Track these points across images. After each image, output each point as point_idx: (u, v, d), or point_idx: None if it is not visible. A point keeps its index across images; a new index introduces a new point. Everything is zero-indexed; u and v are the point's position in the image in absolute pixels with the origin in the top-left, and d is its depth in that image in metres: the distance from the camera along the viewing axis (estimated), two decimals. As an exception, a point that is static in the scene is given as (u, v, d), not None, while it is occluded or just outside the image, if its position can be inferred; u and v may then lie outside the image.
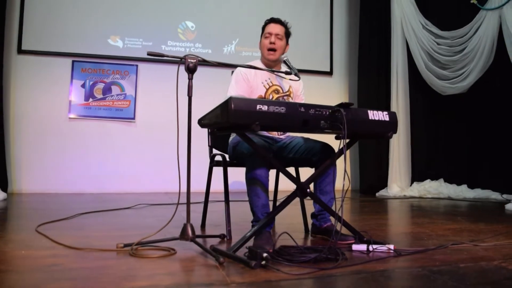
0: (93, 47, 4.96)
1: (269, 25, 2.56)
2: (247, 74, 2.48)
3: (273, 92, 2.51)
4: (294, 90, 2.61)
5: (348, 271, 1.64)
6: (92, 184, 4.89)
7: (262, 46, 2.55)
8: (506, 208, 3.78)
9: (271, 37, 2.49)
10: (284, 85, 2.55)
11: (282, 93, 2.53)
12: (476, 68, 4.81)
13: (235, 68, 2.56)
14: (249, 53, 5.68)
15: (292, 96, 2.58)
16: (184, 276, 1.56)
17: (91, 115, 4.94)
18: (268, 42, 2.48)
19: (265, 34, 2.52)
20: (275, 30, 2.51)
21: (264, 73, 2.50)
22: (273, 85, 2.52)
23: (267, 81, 2.51)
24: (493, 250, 2.05)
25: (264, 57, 2.53)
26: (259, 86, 2.48)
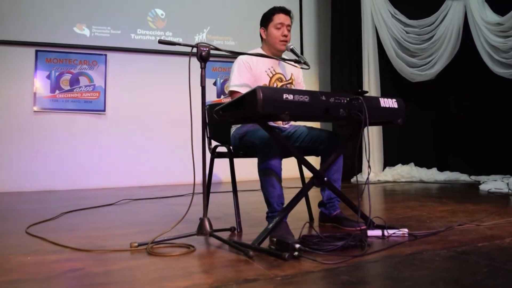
0: (58, 36, 4.68)
1: (280, 15, 2.44)
2: (249, 63, 2.41)
3: (277, 80, 2.46)
4: (295, 78, 2.58)
5: (380, 256, 1.65)
6: (61, 181, 4.65)
7: (272, 36, 2.43)
8: (481, 189, 3.97)
9: (284, 28, 2.41)
10: (286, 73, 2.51)
11: (285, 81, 2.49)
12: (444, 56, 4.99)
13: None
14: (221, 42, 5.58)
15: (294, 83, 2.55)
16: (222, 272, 1.50)
17: (58, 107, 4.68)
18: (281, 34, 2.40)
19: (276, 25, 2.41)
20: (287, 21, 2.45)
21: (266, 61, 2.44)
22: (276, 73, 2.48)
23: (270, 69, 2.45)
24: (497, 229, 2.13)
25: (275, 48, 2.43)
26: (263, 75, 2.42)
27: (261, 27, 2.49)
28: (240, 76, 2.36)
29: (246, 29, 5.60)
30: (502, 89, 4.51)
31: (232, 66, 2.47)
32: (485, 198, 3.43)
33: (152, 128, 5.13)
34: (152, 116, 5.14)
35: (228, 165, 2.70)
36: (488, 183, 4.09)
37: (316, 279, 1.39)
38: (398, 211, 2.85)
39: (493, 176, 4.64)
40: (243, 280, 1.38)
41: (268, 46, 2.46)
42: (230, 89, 2.40)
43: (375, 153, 5.53)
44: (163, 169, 5.14)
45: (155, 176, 5.08)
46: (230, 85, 2.42)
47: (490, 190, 3.79)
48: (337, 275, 1.43)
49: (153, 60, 5.17)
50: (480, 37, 4.57)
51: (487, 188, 3.89)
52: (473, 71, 4.87)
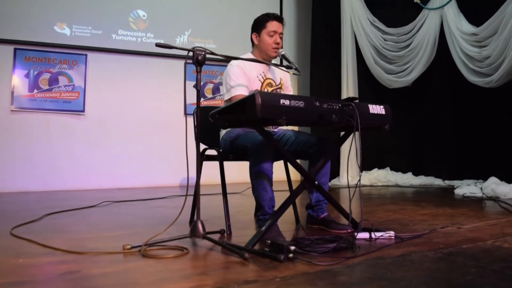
0: (37, 34, 4.58)
1: (274, 22, 2.47)
2: (243, 67, 2.43)
3: (267, 85, 2.50)
4: (284, 82, 2.63)
5: (370, 258, 1.70)
6: (38, 182, 4.55)
7: (265, 43, 2.47)
8: (456, 193, 4.12)
9: (276, 36, 2.46)
10: (276, 78, 2.56)
11: (275, 85, 2.54)
12: (420, 63, 5.16)
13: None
14: (202, 44, 5.57)
15: (283, 88, 2.60)
16: (221, 274, 1.52)
17: (36, 107, 4.58)
18: (273, 41, 2.44)
19: (269, 32, 2.45)
20: (280, 29, 2.49)
21: (258, 66, 2.47)
22: (267, 79, 2.52)
23: (261, 74, 2.49)
24: (478, 231, 2.23)
25: (267, 54, 2.46)
26: (255, 80, 2.46)
27: (253, 32, 2.52)
28: (237, 79, 2.36)
29: (226, 32, 5.65)
30: (476, 96, 4.69)
31: (226, 72, 2.46)
32: (461, 202, 3.57)
33: (131, 130, 5.08)
34: (132, 117, 5.09)
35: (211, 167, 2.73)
36: (463, 188, 4.25)
37: (315, 280, 1.43)
38: (380, 214, 2.93)
39: (466, 180, 4.82)
40: (243, 282, 1.40)
41: (260, 52, 2.49)
42: (234, 94, 2.36)
43: (352, 158, 5.63)
44: (142, 171, 5.10)
45: (133, 178, 5.04)
46: (230, 90, 2.38)
47: (465, 194, 3.95)
48: (334, 276, 1.48)
49: (134, 62, 5.13)
50: (455, 46, 4.75)
51: (462, 193, 4.04)
52: (448, 79, 5.05)
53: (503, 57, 4.17)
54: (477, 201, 3.62)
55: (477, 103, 4.75)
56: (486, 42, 4.39)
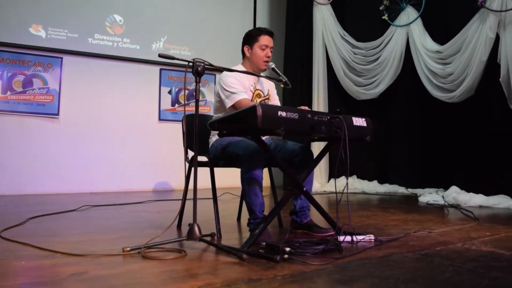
0: (12, 36, 4.51)
1: (266, 37, 2.61)
2: (235, 76, 2.51)
3: (257, 96, 2.64)
4: (271, 93, 2.78)
5: (358, 258, 1.86)
6: (10, 186, 4.46)
7: (256, 56, 2.59)
8: (420, 201, 4.39)
9: (268, 50, 2.60)
10: (264, 89, 2.70)
11: (263, 96, 2.68)
12: (387, 77, 5.44)
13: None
14: (177, 51, 5.66)
15: (270, 99, 2.75)
16: (225, 273, 1.62)
17: (9, 109, 4.50)
18: (265, 55, 2.58)
19: (261, 46, 2.57)
20: (270, 43, 2.63)
21: (249, 78, 2.60)
22: (256, 89, 2.66)
23: (252, 85, 2.62)
24: (447, 235, 2.45)
25: (257, 67, 2.59)
26: (248, 90, 2.57)
27: (245, 45, 2.64)
28: (237, 86, 2.45)
29: (202, 40, 5.74)
30: (439, 110, 5.01)
31: (221, 82, 2.52)
32: (426, 209, 3.82)
33: (105, 134, 5.07)
34: (106, 122, 5.09)
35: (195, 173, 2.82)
36: (426, 196, 4.53)
37: (313, 278, 1.56)
38: (355, 219, 3.11)
39: (428, 189, 5.12)
40: (248, 280, 1.52)
41: (251, 64, 2.62)
42: (237, 99, 2.42)
43: (322, 166, 5.85)
44: (115, 175, 5.10)
45: (107, 183, 5.02)
46: (232, 96, 2.43)
47: (429, 202, 4.21)
48: (329, 274, 1.62)
49: (110, 66, 5.13)
50: (420, 62, 5.06)
51: (425, 200, 4.31)
52: (413, 92, 5.36)
53: (465, 75, 4.50)
54: (440, 208, 3.88)
55: (440, 116, 5.07)
56: (450, 60, 4.71)
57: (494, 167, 4.39)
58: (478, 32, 4.37)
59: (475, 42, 4.38)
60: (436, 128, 5.14)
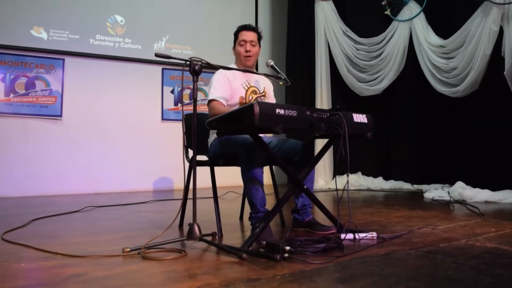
0: (14, 38, 4.53)
1: (242, 32, 2.66)
2: (228, 76, 2.57)
3: (252, 93, 2.63)
4: (267, 91, 2.77)
5: (359, 256, 1.84)
6: (14, 188, 4.49)
7: (237, 53, 2.67)
8: (425, 197, 4.35)
9: (246, 44, 2.62)
10: (259, 86, 2.69)
11: (259, 93, 2.68)
12: (390, 73, 5.41)
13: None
14: (179, 51, 5.65)
15: (267, 96, 2.73)
16: (224, 273, 1.61)
17: (13, 112, 4.52)
18: (244, 50, 2.61)
19: (239, 42, 2.63)
20: (249, 37, 2.64)
21: (241, 75, 2.62)
22: (251, 87, 2.65)
23: (245, 83, 2.63)
24: (451, 232, 2.42)
25: (241, 63, 2.64)
26: (239, 88, 2.59)
27: (233, 47, 2.72)
28: (219, 88, 2.52)
29: (204, 39, 5.73)
30: (443, 105, 4.97)
31: (212, 78, 2.60)
32: (431, 205, 3.78)
33: (108, 135, 5.08)
34: (109, 122, 5.09)
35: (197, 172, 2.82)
36: (432, 192, 4.49)
37: (312, 277, 1.54)
38: (358, 217, 3.09)
39: (433, 185, 5.08)
40: (247, 279, 1.51)
41: (238, 62, 2.67)
42: (210, 98, 2.53)
43: (326, 163, 5.82)
44: (119, 176, 5.11)
45: (110, 183, 5.03)
46: (209, 96, 2.54)
47: (434, 198, 4.18)
48: (329, 273, 1.60)
49: (111, 66, 5.13)
50: (424, 57, 5.02)
51: (431, 196, 4.27)
52: (417, 87, 5.32)
53: (469, 69, 4.45)
54: (446, 204, 3.85)
55: (444, 111, 5.02)
56: (453, 54, 4.66)
57: (500, 162, 4.35)
58: (481, 26, 4.32)
59: (479, 35, 4.34)
60: (441, 123, 5.09)
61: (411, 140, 5.45)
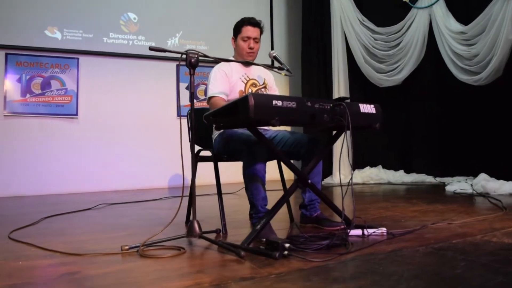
0: (28, 39, 4.59)
1: (247, 27, 2.57)
2: (225, 70, 2.52)
3: (251, 85, 2.57)
4: (268, 82, 2.70)
5: (363, 254, 1.75)
6: (31, 186, 4.56)
7: (239, 47, 2.58)
8: (447, 190, 4.18)
9: (250, 41, 2.55)
10: (260, 79, 2.62)
11: (259, 85, 2.61)
12: (410, 62, 5.22)
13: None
14: (193, 46, 5.61)
15: (268, 88, 2.66)
16: (218, 272, 1.56)
17: (29, 111, 4.59)
18: (247, 46, 2.54)
19: (243, 37, 2.55)
20: (253, 34, 2.57)
21: (239, 68, 2.56)
22: (250, 79, 2.59)
23: (244, 75, 2.57)
24: (467, 227, 2.29)
25: (243, 58, 2.56)
26: (238, 82, 2.53)
27: (232, 36, 2.63)
28: (217, 83, 2.46)
29: (218, 34, 5.68)
30: (465, 94, 4.77)
31: (210, 74, 2.55)
32: (451, 199, 3.63)
33: (124, 133, 5.10)
34: (124, 120, 5.11)
35: (205, 168, 2.76)
36: (454, 184, 4.31)
37: (309, 276, 1.47)
38: (372, 211, 2.99)
39: (457, 177, 4.89)
40: (240, 279, 1.44)
41: (237, 55, 2.61)
42: (209, 95, 2.47)
43: (344, 156, 5.69)
44: (135, 173, 5.13)
45: (127, 181, 5.06)
46: (208, 92, 2.50)
47: (456, 191, 4.01)
48: (327, 271, 1.52)
49: (126, 64, 5.15)
50: (444, 44, 4.82)
51: (452, 189, 4.10)
52: (438, 77, 5.12)
53: (491, 55, 4.24)
54: (468, 197, 3.68)
55: (467, 100, 4.82)
56: (475, 41, 4.46)
57: (527, 152, 4.14)
58: (503, 10, 4.10)
59: (500, 20, 4.11)
60: (464, 113, 4.89)
61: (433, 132, 5.26)
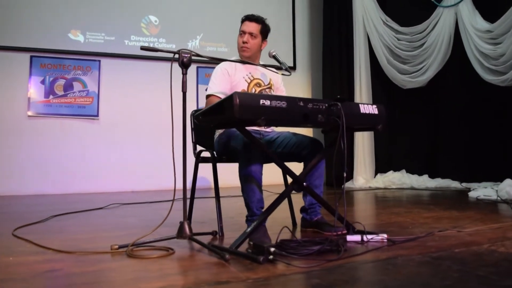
0: (52, 42, 4.73)
1: (245, 22, 2.56)
2: (228, 69, 2.48)
3: (255, 85, 2.52)
4: (275, 83, 2.64)
5: (354, 261, 1.67)
6: (53, 185, 4.68)
7: (237, 44, 2.56)
8: (470, 196, 3.99)
9: (245, 36, 2.50)
10: (265, 78, 2.57)
11: (264, 85, 2.56)
12: (435, 63, 5.04)
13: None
14: (214, 48, 5.63)
15: (273, 88, 2.61)
16: (196, 274, 1.52)
17: (52, 112, 4.72)
18: (241, 41, 2.50)
19: (240, 32, 2.53)
20: (248, 28, 2.52)
21: (244, 68, 2.50)
22: (254, 79, 2.54)
23: (248, 75, 2.52)
24: (477, 235, 2.16)
25: (241, 55, 2.54)
26: (241, 81, 2.49)
27: None
28: (217, 82, 2.43)
29: (239, 35, 5.66)
30: (493, 95, 4.55)
31: (212, 72, 2.52)
32: (472, 205, 3.45)
33: (144, 134, 5.16)
34: (144, 121, 5.17)
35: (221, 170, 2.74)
36: (478, 190, 4.11)
37: (287, 282, 1.41)
38: (383, 217, 2.88)
39: (484, 183, 4.66)
40: (215, 282, 1.40)
41: (239, 53, 2.55)
42: (207, 93, 2.45)
43: (366, 160, 5.56)
44: (154, 174, 5.16)
45: (146, 181, 5.10)
46: (207, 90, 2.47)
47: (479, 197, 3.82)
48: (308, 278, 1.46)
49: (146, 66, 5.21)
50: (470, 44, 4.62)
51: (476, 195, 3.91)
52: (464, 78, 4.91)
53: (517, 54, 4.03)
54: (491, 204, 3.50)
55: (495, 102, 4.60)
56: (501, 39, 4.25)
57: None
58: (532, 6, 3.89)
59: (529, 17, 3.91)
60: (491, 115, 4.66)
61: (459, 135, 5.05)
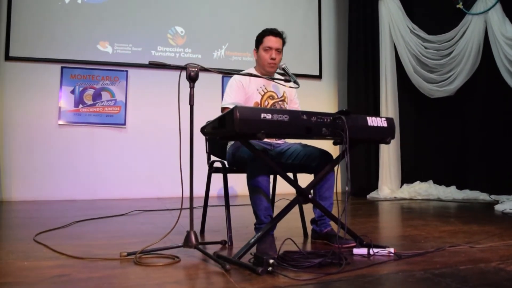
0: (82, 53, 4.93)
1: (269, 38, 2.55)
2: (242, 81, 2.52)
3: (268, 98, 2.55)
4: (288, 95, 2.66)
5: (353, 275, 1.67)
6: (83, 191, 4.85)
7: (261, 58, 2.56)
8: (496, 209, 3.86)
9: (272, 52, 2.52)
10: (278, 91, 2.60)
11: (277, 98, 2.58)
12: (463, 72, 4.92)
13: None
14: (239, 58, 5.70)
15: (287, 101, 2.63)
16: (193, 284, 1.57)
17: (81, 121, 4.91)
18: (269, 57, 2.51)
19: (264, 47, 2.53)
20: (275, 44, 2.54)
21: (258, 80, 2.54)
22: (268, 91, 2.57)
23: (262, 87, 2.55)
24: (490, 252, 2.10)
25: (264, 70, 2.56)
26: (255, 93, 2.52)
27: (254, 48, 2.60)
28: (232, 94, 2.47)
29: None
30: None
31: (227, 84, 2.58)
32: (495, 219, 3.35)
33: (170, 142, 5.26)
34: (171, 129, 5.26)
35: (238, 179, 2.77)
36: (505, 203, 3.96)
37: (280, 294, 1.43)
38: (397, 229, 2.85)
39: (514, 195, 4.50)
40: (209, 292, 1.44)
41: (259, 67, 2.58)
42: (222, 106, 2.52)
43: (392, 169, 5.47)
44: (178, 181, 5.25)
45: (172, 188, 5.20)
46: (222, 102, 2.54)
47: (505, 211, 3.69)
48: (301, 291, 1.47)
49: (172, 76, 5.33)
50: (499, 52, 4.49)
51: (502, 209, 3.78)
52: (493, 87, 4.76)
53: (547, 63, 3.89)
54: (516, 218, 3.38)
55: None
56: (531, 48, 4.11)
57: None
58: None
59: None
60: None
61: (490, 145, 4.89)
